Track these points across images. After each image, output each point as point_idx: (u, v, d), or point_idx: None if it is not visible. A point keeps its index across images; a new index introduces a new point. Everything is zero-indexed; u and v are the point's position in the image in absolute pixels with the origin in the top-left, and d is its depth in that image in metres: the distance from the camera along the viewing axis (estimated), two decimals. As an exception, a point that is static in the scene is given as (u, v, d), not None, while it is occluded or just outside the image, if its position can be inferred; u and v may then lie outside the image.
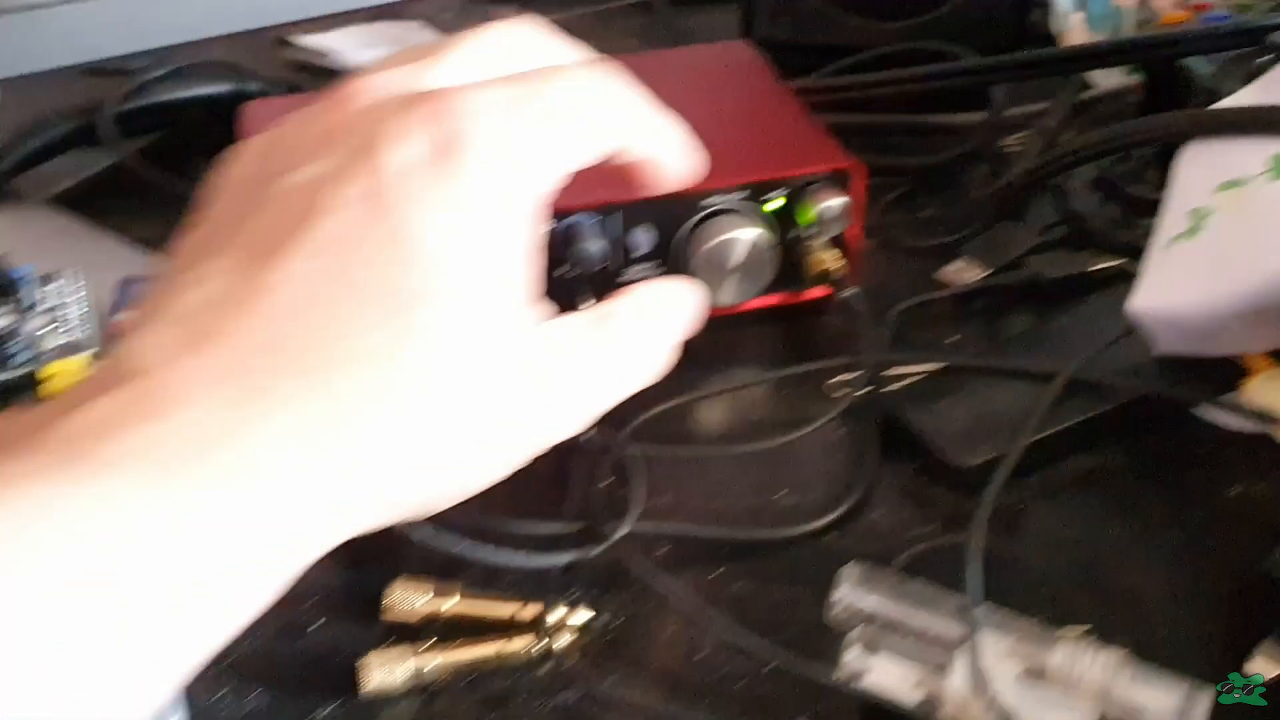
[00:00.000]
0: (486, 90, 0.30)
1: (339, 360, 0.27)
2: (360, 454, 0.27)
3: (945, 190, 0.62)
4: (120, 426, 0.25)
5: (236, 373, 0.26)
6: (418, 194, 0.29)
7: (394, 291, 0.28)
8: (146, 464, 0.24)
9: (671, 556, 0.41)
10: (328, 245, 0.28)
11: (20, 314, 0.48)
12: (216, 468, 0.25)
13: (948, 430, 0.44)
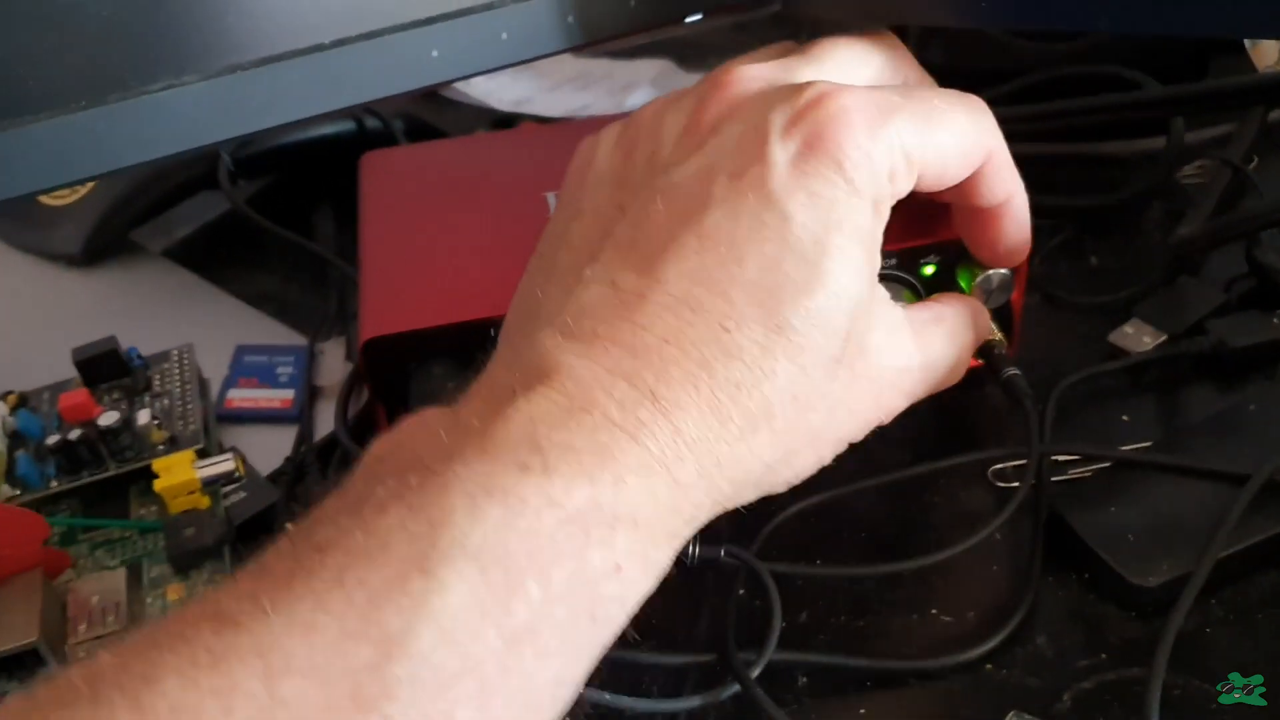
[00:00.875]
0: (864, 92, 0.32)
1: (724, 354, 0.30)
2: (735, 459, 0.30)
3: (1115, 233, 0.57)
4: (554, 427, 0.28)
5: (629, 373, 0.29)
6: (802, 187, 0.30)
7: (778, 286, 0.30)
8: (577, 461, 0.27)
9: (809, 688, 0.38)
10: (717, 240, 0.30)
11: (130, 401, 0.47)
12: (619, 455, 0.28)
13: (1123, 540, 0.39)
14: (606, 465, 0.28)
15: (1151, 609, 0.39)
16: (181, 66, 0.37)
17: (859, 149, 0.31)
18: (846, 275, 0.31)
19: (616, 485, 0.28)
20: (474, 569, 0.25)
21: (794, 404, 0.31)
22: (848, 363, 0.32)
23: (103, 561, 0.42)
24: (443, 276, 0.46)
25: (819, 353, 0.31)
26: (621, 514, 0.28)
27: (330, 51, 0.39)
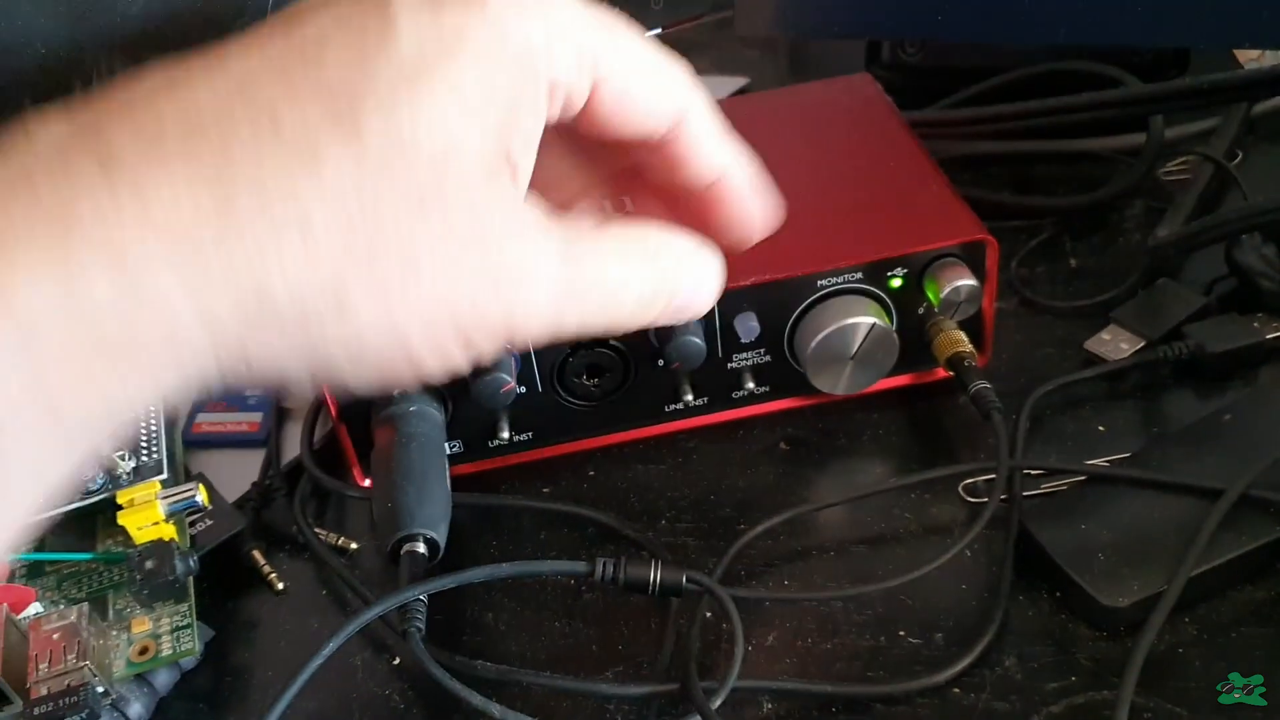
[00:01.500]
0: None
1: (254, 140, 0.23)
2: (235, 256, 0.22)
3: (1096, 233, 0.56)
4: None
5: (108, 132, 0.22)
6: (433, 8, 0.25)
7: (355, 89, 0.24)
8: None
9: (774, 714, 0.37)
10: (306, 34, 0.25)
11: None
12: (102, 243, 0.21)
13: (1093, 559, 0.39)
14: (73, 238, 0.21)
15: (1123, 629, 0.38)
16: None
17: (516, 1, 0.26)
18: (451, 108, 0.25)
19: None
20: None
21: (347, 225, 0.24)
22: (440, 208, 0.25)
23: (69, 593, 0.42)
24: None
25: (392, 176, 0.24)
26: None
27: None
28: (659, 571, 0.38)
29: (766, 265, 0.43)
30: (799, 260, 0.43)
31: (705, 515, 0.44)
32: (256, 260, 0.23)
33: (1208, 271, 0.51)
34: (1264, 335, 0.47)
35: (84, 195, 0.21)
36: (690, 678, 0.36)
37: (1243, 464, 0.40)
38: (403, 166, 0.24)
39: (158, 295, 0.22)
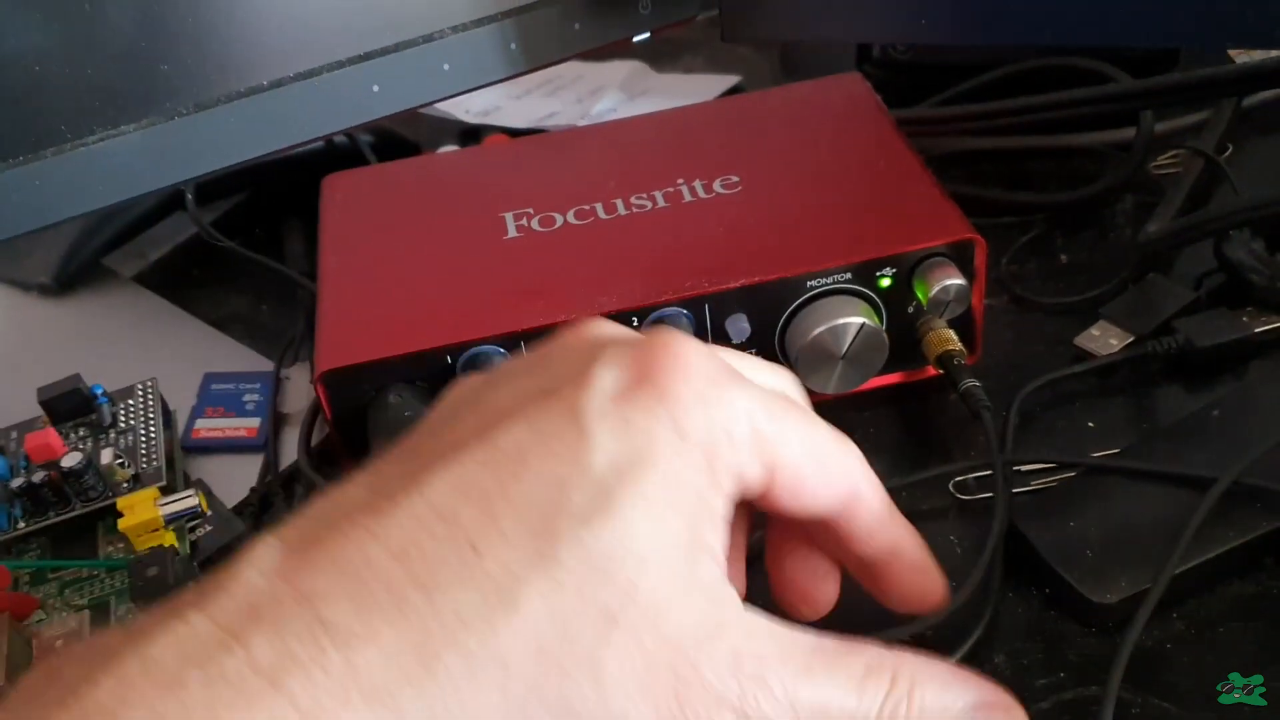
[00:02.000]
0: (711, 354, 0.28)
1: (459, 580, 0.24)
2: (435, 709, 0.23)
3: (1087, 228, 0.56)
4: (159, 684, 0.22)
5: (323, 592, 0.23)
6: (618, 413, 0.26)
7: (555, 509, 0.25)
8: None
9: (767, 713, 0.38)
10: (504, 450, 0.26)
11: (96, 439, 0.47)
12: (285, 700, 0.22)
13: (1081, 556, 0.39)
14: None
15: (1112, 625, 0.38)
16: (117, 117, 0.37)
17: (695, 393, 0.27)
18: (644, 520, 0.25)
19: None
20: None
21: (539, 659, 0.24)
22: (630, 627, 0.25)
23: (72, 600, 0.43)
24: (400, 304, 0.46)
25: (586, 601, 0.24)
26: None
27: (268, 93, 0.39)
28: None
29: (756, 266, 0.43)
30: (789, 261, 0.43)
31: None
32: (455, 709, 0.23)
33: (1197, 266, 0.51)
34: (1253, 329, 0.47)
35: (294, 665, 0.22)
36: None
37: (1232, 458, 0.40)
38: (595, 588, 0.25)
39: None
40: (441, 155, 0.60)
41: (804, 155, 0.50)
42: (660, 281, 0.43)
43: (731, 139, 0.52)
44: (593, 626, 0.24)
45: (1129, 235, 0.55)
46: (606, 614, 0.25)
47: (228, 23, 0.37)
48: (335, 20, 0.39)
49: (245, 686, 0.22)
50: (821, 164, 0.50)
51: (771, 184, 0.37)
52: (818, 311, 0.44)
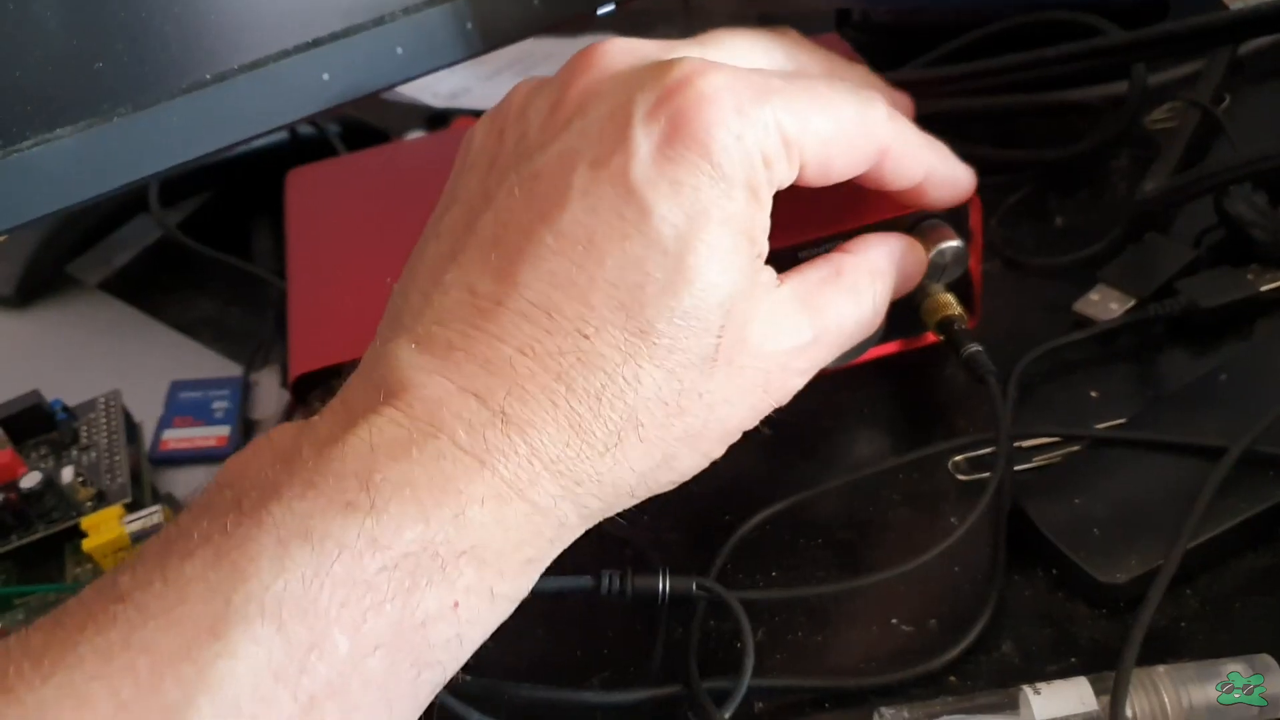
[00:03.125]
0: (735, 72, 0.30)
1: (583, 364, 0.28)
2: (600, 475, 0.29)
3: (1081, 187, 0.54)
4: (393, 457, 0.26)
5: (481, 390, 0.28)
6: (665, 176, 0.28)
7: (639, 286, 0.28)
8: (412, 496, 0.26)
9: (766, 713, 0.36)
10: (575, 238, 0.28)
11: (58, 456, 0.45)
12: (464, 485, 0.27)
13: (1088, 535, 0.37)
14: (447, 498, 0.26)
15: (1123, 605, 0.37)
16: (53, 121, 0.35)
17: (728, 131, 0.29)
18: (714, 269, 0.29)
19: (457, 520, 0.26)
20: (270, 627, 0.24)
21: (664, 409, 0.29)
22: (725, 358, 0.30)
23: (39, 627, 0.41)
24: (372, 301, 0.43)
25: (689, 354, 0.29)
26: (463, 549, 0.26)
27: (212, 87, 0.37)
28: (668, 581, 0.37)
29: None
30: (777, 233, 0.41)
31: (688, 509, 0.42)
32: (611, 468, 0.29)
33: (1197, 223, 0.49)
34: (1258, 287, 0.45)
35: (491, 448, 0.27)
36: (696, 687, 0.35)
37: (1242, 423, 0.38)
38: (690, 340, 0.29)
39: (551, 509, 0.28)
40: (408, 143, 0.58)
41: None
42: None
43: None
44: (696, 369, 0.29)
45: (1125, 193, 0.53)
46: (704, 357, 0.30)
47: (164, 16, 0.35)
48: (280, 6, 0.37)
49: (461, 462, 0.27)
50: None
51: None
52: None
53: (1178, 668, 0.33)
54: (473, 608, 0.27)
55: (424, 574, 0.26)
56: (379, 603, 0.25)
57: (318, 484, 0.26)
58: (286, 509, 0.25)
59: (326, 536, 0.25)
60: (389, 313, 0.32)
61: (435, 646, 0.26)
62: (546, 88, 0.32)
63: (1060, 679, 0.34)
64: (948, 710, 0.33)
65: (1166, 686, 0.33)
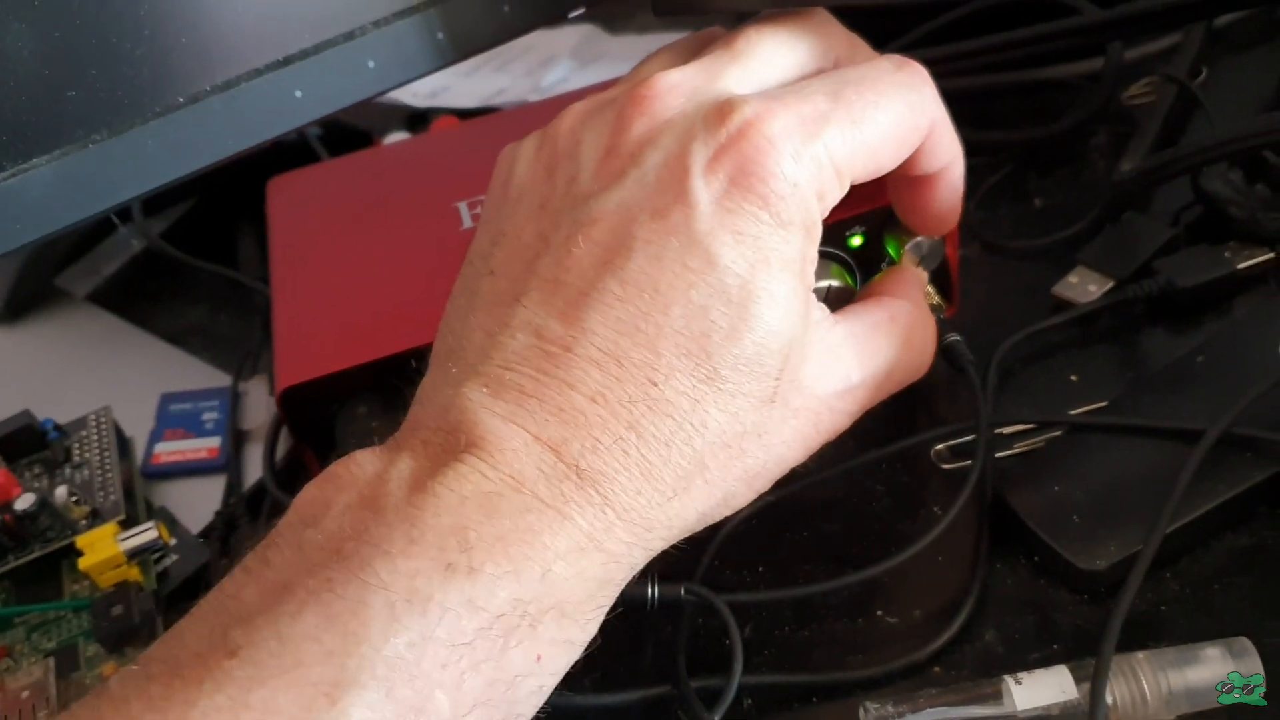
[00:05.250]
0: (789, 110, 0.30)
1: (652, 411, 0.29)
2: (669, 520, 0.30)
3: (1059, 167, 0.54)
4: (485, 511, 0.27)
5: (556, 441, 0.28)
6: (726, 227, 0.29)
7: (705, 334, 0.29)
8: (504, 553, 0.27)
9: (755, 709, 0.37)
10: (641, 286, 0.29)
11: (51, 475, 0.46)
12: (549, 539, 0.27)
13: (1068, 522, 0.38)
14: (534, 555, 0.27)
15: (1104, 591, 0.37)
16: (28, 150, 0.35)
17: (784, 181, 0.30)
18: (776, 315, 0.30)
19: (544, 577, 0.27)
20: (380, 691, 0.24)
21: (726, 451, 0.30)
22: (782, 399, 0.31)
23: (39, 645, 0.41)
24: (358, 309, 0.44)
25: (750, 396, 0.30)
26: (550, 606, 0.27)
27: (185, 110, 0.37)
28: (655, 587, 0.37)
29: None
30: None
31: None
32: (679, 512, 0.30)
33: (1175, 201, 0.49)
34: (1235, 265, 0.46)
35: (573, 502, 0.28)
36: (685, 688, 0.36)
37: (1220, 405, 0.39)
38: (751, 384, 0.30)
39: (625, 555, 0.29)
40: (389, 146, 0.58)
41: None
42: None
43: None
44: (755, 411, 0.30)
45: (1104, 171, 0.53)
46: (763, 398, 0.30)
47: (134, 41, 0.35)
48: (249, 26, 0.37)
49: (544, 516, 0.27)
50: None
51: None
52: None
53: (1157, 653, 0.34)
54: (554, 658, 0.28)
55: (515, 634, 0.26)
56: (476, 663, 0.26)
57: (417, 539, 0.26)
58: (392, 569, 0.26)
59: (430, 599, 0.25)
60: (446, 344, 0.32)
61: (521, 700, 0.27)
62: (598, 122, 0.32)
63: (1042, 667, 0.35)
64: (931, 703, 0.34)
65: (1146, 672, 0.33)
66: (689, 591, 0.37)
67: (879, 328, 0.35)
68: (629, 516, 0.29)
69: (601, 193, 0.30)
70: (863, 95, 0.32)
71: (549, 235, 0.31)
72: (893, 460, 0.43)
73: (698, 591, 0.37)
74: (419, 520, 0.26)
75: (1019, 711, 0.33)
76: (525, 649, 0.27)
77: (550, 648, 0.28)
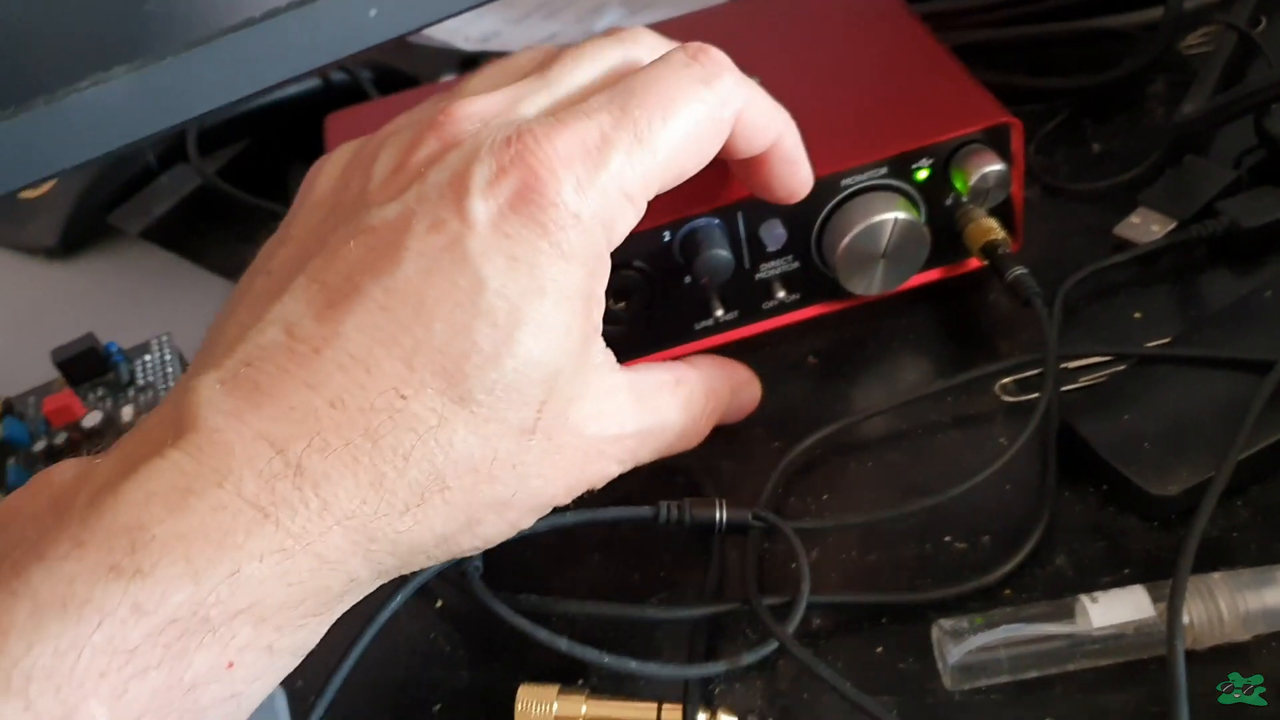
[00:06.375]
0: (573, 135, 0.30)
1: (394, 423, 0.28)
2: (397, 534, 0.28)
3: (1117, 114, 0.54)
4: (170, 507, 0.25)
5: (280, 439, 0.27)
6: (501, 250, 0.29)
7: (464, 354, 0.28)
8: (184, 553, 0.25)
9: (823, 630, 0.37)
10: (406, 297, 0.28)
11: (115, 398, 0.46)
12: (242, 539, 0.26)
13: (1139, 449, 0.38)
14: (223, 555, 0.25)
15: (1175, 518, 0.37)
16: (106, 60, 0.35)
17: (566, 210, 0.29)
18: (543, 345, 0.29)
19: (233, 578, 0.25)
20: (17, 706, 0.23)
21: (474, 475, 0.29)
22: (544, 433, 0.30)
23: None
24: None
25: (506, 424, 0.29)
26: (238, 609, 0.26)
27: (261, 25, 0.37)
28: (724, 512, 0.37)
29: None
30: (821, 161, 0.41)
31: (738, 437, 0.43)
32: (411, 528, 0.28)
33: (1236, 144, 0.49)
34: (1302, 205, 0.45)
35: (283, 502, 0.26)
36: (754, 598, 0.36)
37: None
38: (509, 412, 0.29)
39: (340, 563, 0.28)
40: (447, 83, 0.59)
41: (825, 52, 0.49)
42: (689, 192, 0.41)
43: (749, 42, 0.49)
44: (512, 439, 0.29)
45: (1162, 118, 0.53)
46: (521, 429, 0.30)
47: (214, -47, 0.36)
48: (327, -58, 0.37)
49: (242, 514, 0.26)
50: (845, 60, 0.48)
51: (795, 84, 0.36)
52: (854, 210, 0.43)
53: (1234, 574, 0.34)
54: (249, 665, 0.26)
55: (193, 638, 0.25)
56: (143, 670, 0.24)
57: (85, 541, 0.25)
58: (47, 572, 0.24)
59: (86, 603, 0.24)
60: (205, 342, 0.32)
61: (207, 708, 0.26)
62: (396, 140, 0.32)
63: (1116, 588, 0.35)
64: (1006, 620, 0.34)
65: (1223, 592, 0.33)
66: (756, 516, 0.37)
67: (662, 387, 0.36)
68: (350, 524, 0.27)
69: (384, 203, 0.30)
70: (647, 107, 0.31)
71: (327, 237, 0.30)
72: (956, 393, 0.43)
73: (764, 516, 0.38)
74: (92, 522, 0.25)
75: (1094, 629, 0.33)
76: (210, 655, 0.25)
77: (243, 654, 0.26)
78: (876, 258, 0.43)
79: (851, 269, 0.43)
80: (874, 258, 0.43)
